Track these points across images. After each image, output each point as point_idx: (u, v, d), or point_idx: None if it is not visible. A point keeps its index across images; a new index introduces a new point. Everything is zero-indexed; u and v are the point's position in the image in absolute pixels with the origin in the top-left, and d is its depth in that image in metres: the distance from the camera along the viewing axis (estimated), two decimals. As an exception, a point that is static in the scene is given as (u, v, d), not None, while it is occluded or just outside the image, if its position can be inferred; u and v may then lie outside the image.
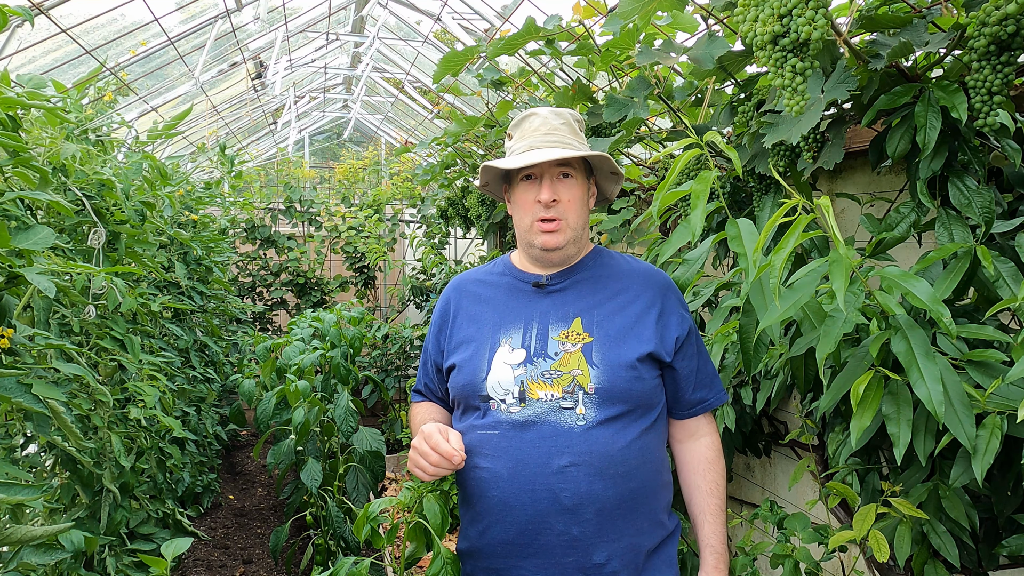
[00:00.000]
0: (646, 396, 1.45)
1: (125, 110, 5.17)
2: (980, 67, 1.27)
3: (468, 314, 1.57)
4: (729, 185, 1.99)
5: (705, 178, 1.33)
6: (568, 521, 1.38)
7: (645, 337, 1.46)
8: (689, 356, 1.51)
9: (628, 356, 1.43)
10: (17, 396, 1.36)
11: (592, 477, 1.38)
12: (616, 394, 1.41)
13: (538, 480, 1.37)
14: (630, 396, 1.42)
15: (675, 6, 1.86)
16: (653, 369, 1.47)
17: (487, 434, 1.44)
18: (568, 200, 1.47)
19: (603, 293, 1.50)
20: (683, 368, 1.50)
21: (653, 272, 1.57)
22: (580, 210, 1.50)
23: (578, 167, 1.50)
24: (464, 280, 1.65)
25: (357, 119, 10.59)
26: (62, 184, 1.96)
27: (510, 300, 1.54)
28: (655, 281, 1.54)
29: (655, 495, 1.48)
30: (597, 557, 1.39)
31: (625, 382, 1.42)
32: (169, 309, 3.36)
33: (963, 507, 1.34)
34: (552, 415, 1.39)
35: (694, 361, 1.52)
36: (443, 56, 2.57)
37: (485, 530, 1.44)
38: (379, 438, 3.37)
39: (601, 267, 1.55)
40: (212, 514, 4.42)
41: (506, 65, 3.47)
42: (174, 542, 1.56)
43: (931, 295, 1.15)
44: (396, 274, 7.98)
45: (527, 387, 1.42)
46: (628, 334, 1.46)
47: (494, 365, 1.46)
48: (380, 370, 6.60)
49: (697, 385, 1.53)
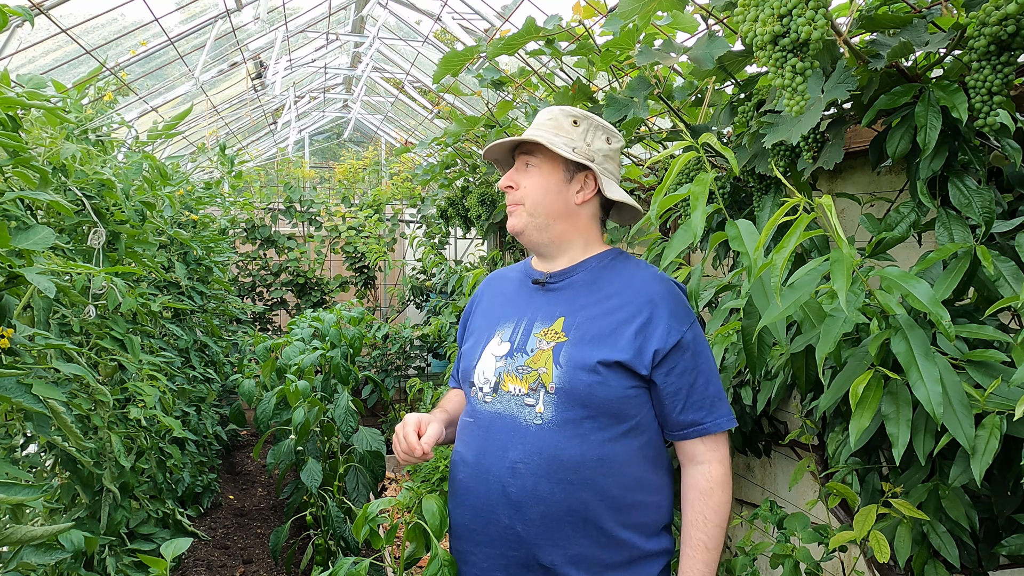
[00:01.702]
0: (612, 404, 1.39)
1: (125, 110, 5.17)
2: (980, 67, 1.27)
3: (484, 307, 1.67)
4: (729, 185, 1.98)
5: (703, 180, 1.32)
6: (513, 516, 1.40)
7: (620, 346, 1.40)
8: (678, 373, 1.42)
9: (591, 359, 1.39)
10: (17, 396, 1.36)
11: (538, 477, 1.38)
12: (575, 397, 1.39)
13: (492, 471, 1.43)
14: (590, 401, 1.39)
15: (675, 6, 1.86)
16: (625, 379, 1.40)
17: (466, 420, 1.55)
18: (526, 187, 1.52)
19: (594, 296, 1.48)
20: (667, 385, 1.42)
21: (653, 281, 1.49)
22: (541, 197, 1.50)
23: (546, 159, 1.51)
24: (493, 276, 1.76)
25: (357, 119, 10.59)
26: (62, 184, 1.96)
27: (515, 296, 1.59)
28: (649, 290, 1.47)
29: (620, 511, 1.41)
30: (543, 559, 1.40)
31: (585, 385, 1.38)
32: (169, 309, 3.36)
33: (963, 507, 1.34)
34: (515, 409, 1.44)
35: (685, 379, 1.42)
36: (443, 56, 2.57)
37: (453, 510, 1.55)
38: (379, 438, 3.37)
39: (603, 270, 1.53)
40: (212, 514, 4.42)
41: (506, 65, 3.47)
42: (173, 542, 1.56)
43: (931, 297, 1.14)
44: (396, 274, 7.98)
45: (502, 379, 1.47)
46: (603, 339, 1.42)
47: (484, 355, 1.54)
48: (380, 370, 6.60)
49: (688, 406, 1.42)
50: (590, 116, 1.53)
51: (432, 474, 4.01)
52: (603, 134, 1.54)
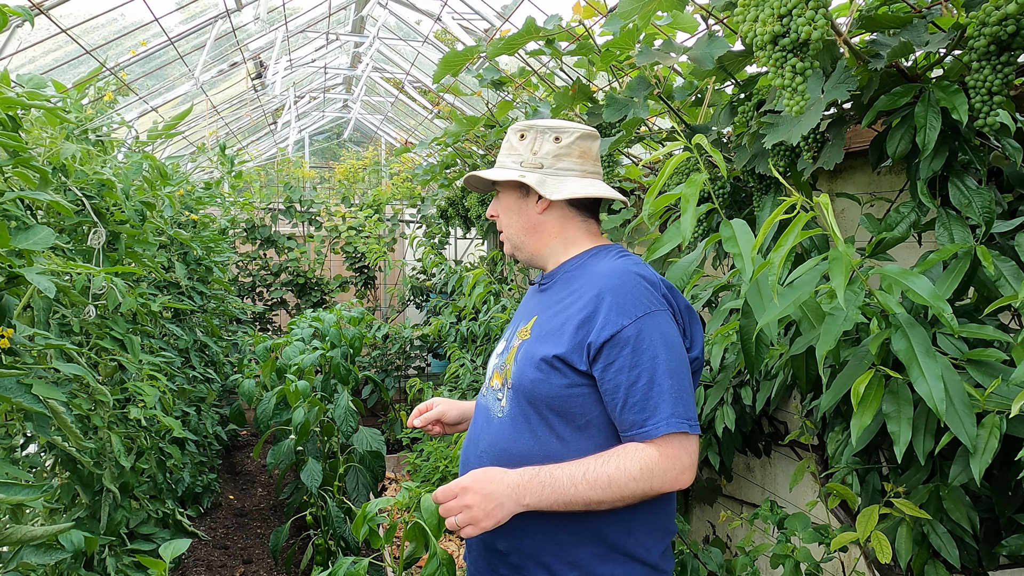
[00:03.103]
0: (554, 401, 1.37)
1: (125, 110, 5.17)
2: (980, 67, 1.27)
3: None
4: (729, 185, 1.99)
5: (695, 181, 1.32)
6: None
7: (563, 340, 1.38)
8: (615, 369, 1.32)
9: (537, 355, 1.40)
10: (17, 396, 1.36)
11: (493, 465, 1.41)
12: (522, 392, 1.42)
13: (470, 457, 1.53)
14: (534, 397, 1.39)
15: (675, 6, 1.86)
16: (566, 375, 1.36)
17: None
18: (501, 215, 1.58)
19: (562, 293, 1.49)
20: (604, 381, 1.34)
21: (606, 274, 1.41)
22: (511, 220, 1.56)
23: (505, 184, 1.56)
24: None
25: (357, 119, 10.59)
26: (62, 184, 1.96)
27: (526, 300, 1.67)
28: (600, 284, 1.40)
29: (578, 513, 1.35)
30: (499, 545, 1.44)
31: (529, 381, 1.40)
32: (169, 309, 3.36)
33: (964, 507, 1.34)
34: (491, 403, 1.52)
35: (623, 376, 1.32)
36: (443, 56, 2.57)
37: None
38: (379, 438, 3.37)
39: (579, 268, 1.52)
40: (212, 514, 4.42)
41: (506, 65, 3.47)
42: (173, 543, 1.56)
43: (932, 292, 1.14)
44: (396, 274, 7.98)
45: (492, 374, 1.56)
46: (553, 335, 1.41)
47: (491, 356, 1.64)
48: (380, 370, 6.60)
49: (629, 406, 1.31)
50: (534, 124, 1.51)
51: (432, 474, 4.01)
52: (550, 135, 1.50)
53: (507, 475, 1.32)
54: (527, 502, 1.31)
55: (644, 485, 1.30)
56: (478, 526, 1.29)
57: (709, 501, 2.66)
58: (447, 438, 4.54)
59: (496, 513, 1.30)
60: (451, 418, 1.70)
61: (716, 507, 2.83)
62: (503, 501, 1.30)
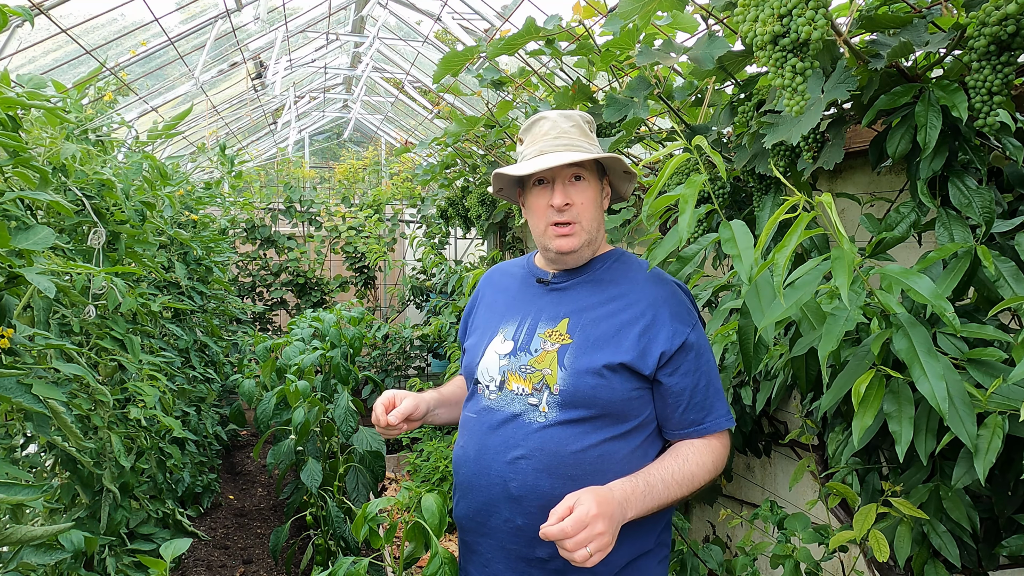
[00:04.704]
0: (616, 405, 1.41)
1: (125, 110, 5.17)
2: (980, 67, 1.27)
3: (487, 302, 1.67)
4: (729, 185, 1.99)
5: (694, 182, 1.32)
6: (514, 510, 1.42)
7: (624, 347, 1.41)
8: (682, 373, 1.43)
9: (596, 363, 1.40)
10: (17, 396, 1.36)
11: (539, 472, 1.39)
12: (579, 399, 1.40)
13: (493, 467, 1.44)
14: (594, 402, 1.40)
15: (675, 6, 1.86)
16: (629, 380, 1.41)
17: (468, 416, 1.55)
18: (581, 203, 1.48)
19: (599, 297, 1.49)
20: (673, 385, 1.43)
21: (657, 282, 1.50)
22: (594, 212, 1.50)
23: (590, 169, 1.50)
24: (494, 270, 1.75)
25: (357, 119, 10.60)
26: (62, 184, 1.96)
27: (519, 293, 1.60)
28: (654, 292, 1.48)
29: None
30: (540, 552, 1.41)
31: (589, 388, 1.39)
32: (169, 309, 3.36)
33: (964, 507, 1.34)
34: (519, 408, 1.45)
35: (689, 379, 1.43)
36: (443, 56, 2.57)
37: (457, 502, 1.56)
38: (379, 438, 3.37)
39: (608, 271, 1.53)
40: (212, 514, 4.42)
41: (506, 65, 3.47)
42: (173, 543, 1.56)
43: (933, 290, 1.14)
44: (396, 274, 7.98)
45: (506, 378, 1.48)
46: (607, 342, 1.42)
47: (487, 352, 1.54)
48: (380, 370, 6.60)
49: (691, 406, 1.43)
50: (585, 116, 1.55)
51: (432, 474, 4.01)
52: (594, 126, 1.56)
53: (613, 492, 1.29)
54: (631, 515, 1.30)
55: (711, 476, 1.42)
56: (605, 552, 1.22)
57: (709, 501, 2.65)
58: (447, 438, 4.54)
59: (616, 534, 1.25)
60: (419, 414, 1.61)
61: (716, 507, 2.83)
62: (620, 520, 1.27)
